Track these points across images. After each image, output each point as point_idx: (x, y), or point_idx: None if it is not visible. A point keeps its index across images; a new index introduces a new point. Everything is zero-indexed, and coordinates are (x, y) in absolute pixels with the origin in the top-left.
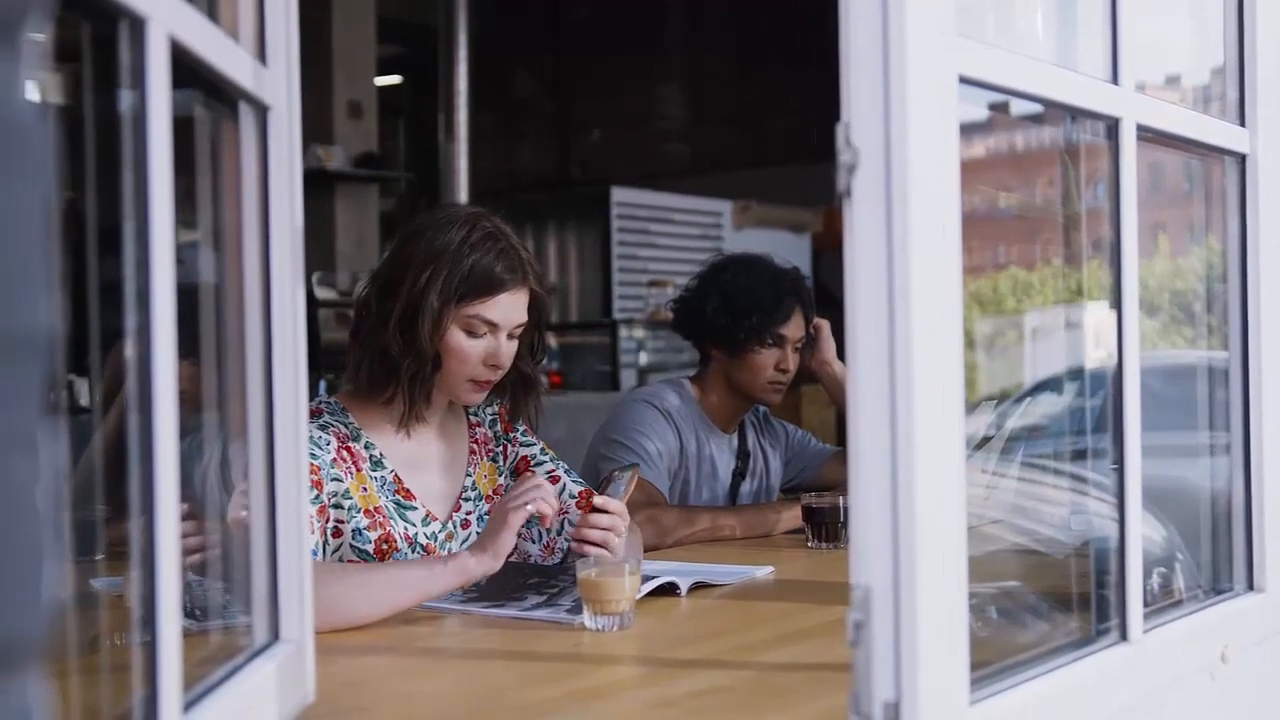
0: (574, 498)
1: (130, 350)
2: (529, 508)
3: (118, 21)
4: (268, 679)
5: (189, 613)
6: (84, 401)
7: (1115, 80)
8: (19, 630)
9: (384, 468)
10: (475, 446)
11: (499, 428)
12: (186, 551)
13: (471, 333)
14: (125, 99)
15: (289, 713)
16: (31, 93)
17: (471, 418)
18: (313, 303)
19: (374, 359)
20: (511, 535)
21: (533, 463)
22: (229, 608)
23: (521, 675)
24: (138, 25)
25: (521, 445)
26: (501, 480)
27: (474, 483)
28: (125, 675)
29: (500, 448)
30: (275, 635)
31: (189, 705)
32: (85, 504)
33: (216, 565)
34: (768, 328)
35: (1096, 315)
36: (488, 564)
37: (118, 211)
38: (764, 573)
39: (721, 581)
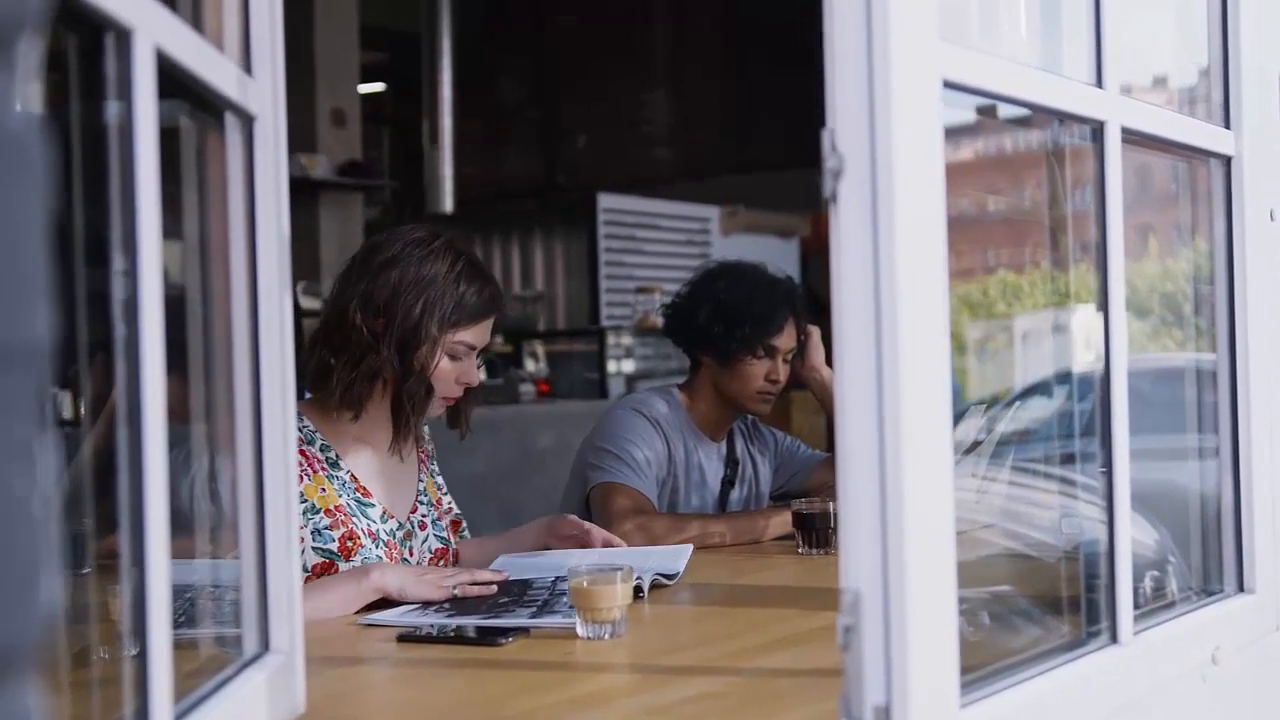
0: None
1: (118, 362)
2: (442, 592)
3: (103, 32)
4: (258, 690)
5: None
6: (66, 415)
7: (1100, 84)
8: (18, 638)
9: (341, 469)
10: (424, 456)
11: (432, 447)
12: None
13: (453, 356)
14: (111, 109)
15: None
16: (27, 105)
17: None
18: (298, 312)
19: (364, 380)
20: (404, 590)
21: (442, 493)
22: (217, 617)
23: (514, 684)
24: (124, 36)
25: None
26: (441, 494)
27: (424, 488)
28: (110, 689)
29: (434, 465)
30: (265, 646)
31: (179, 716)
32: (73, 517)
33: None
34: (760, 339)
35: (1085, 318)
36: (376, 581)
37: (103, 222)
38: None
39: (666, 570)
